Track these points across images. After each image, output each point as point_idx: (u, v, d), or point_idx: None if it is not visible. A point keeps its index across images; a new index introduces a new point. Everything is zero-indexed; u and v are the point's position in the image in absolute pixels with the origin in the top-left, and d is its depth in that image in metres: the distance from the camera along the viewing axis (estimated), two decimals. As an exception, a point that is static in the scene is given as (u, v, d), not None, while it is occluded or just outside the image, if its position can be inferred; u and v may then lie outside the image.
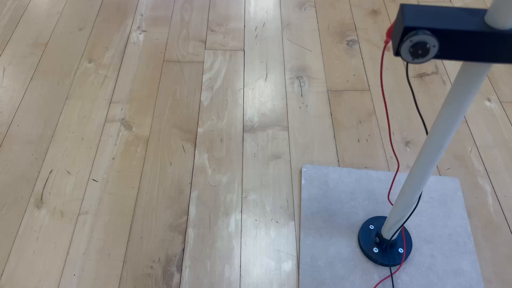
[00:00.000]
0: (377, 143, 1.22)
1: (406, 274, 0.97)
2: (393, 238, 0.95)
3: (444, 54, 0.55)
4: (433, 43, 0.53)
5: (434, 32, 0.53)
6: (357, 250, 1.00)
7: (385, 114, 1.30)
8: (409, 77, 1.40)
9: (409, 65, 1.43)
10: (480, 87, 0.61)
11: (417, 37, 0.53)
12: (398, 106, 1.32)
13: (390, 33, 0.59)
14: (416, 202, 0.84)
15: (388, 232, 0.93)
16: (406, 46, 0.54)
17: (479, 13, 0.54)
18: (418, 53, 0.54)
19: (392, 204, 1.07)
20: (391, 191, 1.10)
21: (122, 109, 1.28)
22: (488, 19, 0.53)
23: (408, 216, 0.86)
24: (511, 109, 1.32)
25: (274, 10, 1.61)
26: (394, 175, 1.14)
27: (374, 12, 1.62)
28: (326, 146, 1.22)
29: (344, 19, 1.58)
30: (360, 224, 1.04)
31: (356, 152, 1.21)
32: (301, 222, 1.05)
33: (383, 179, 1.13)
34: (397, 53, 0.55)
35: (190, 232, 1.04)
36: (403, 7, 0.55)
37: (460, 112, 0.64)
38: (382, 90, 0.66)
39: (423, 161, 0.74)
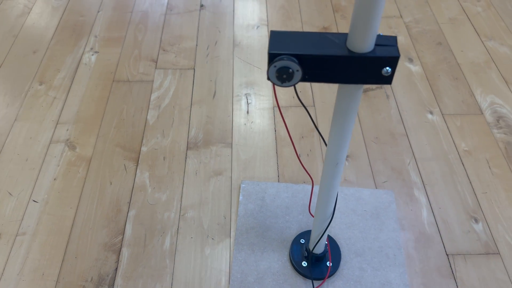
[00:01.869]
0: (317, 158, 1.24)
1: (334, 287, 0.98)
2: (320, 251, 0.97)
3: (311, 77, 0.58)
4: (296, 68, 0.56)
5: (297, 57, 0.56)
6: (288, 264, 1.02)
7: (327, 129, 1.32)
8: (354, 92, 1.43)
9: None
10: (358, 105, 0.63)
11: (280, 63, 0.55)
12: (340, 121, 1.34)
13: (268, 58, 0.62)
14: (331, 216, 0.86)
15: (313, 245, 0.95)
16: (272, 71, 0.56)
17: (342, 38, 0.57)
18: (284, 77, 0.56)
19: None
20: (311, 204, 1.12)
21: (68, 129, 1.30)
22: (348, 43, 0.56)
23: (324, 229, 0.88)
24: (452, 122, 1.35)
25: (227, 29, 1.65)
26: (311, 189, 1.16)
27: (325, 29, 1.66)
28: (267, 162, 1.24)
29: (294, 36, 1.61)
30: (293, 238, 1.06)
31: (296, 167, 1.23)
32: (235, 238, 1.07)
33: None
34: (268, 78, 0.58)
35: (124, 251, 1.05)
36: (271, 34, 0.58)
37: (345, 130, 0.67)
38: (280, 110, 0.69)
39: (325, 176, 0.76)
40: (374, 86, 1.45)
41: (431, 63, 1.53)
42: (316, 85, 1.45)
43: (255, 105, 1.39)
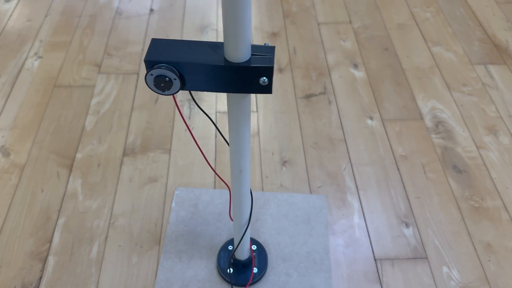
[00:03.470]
0: (255, 163, 1.25)
1: (259, 294, 0.98)
2: (244, 257, 0.97)
3: (191, 86, 0.58)
4: (173, 76, 0.56)
5: (173, 65, 0.55)
6: (214, 271, 1.01)
7: (267, 135, 1.32)
8: (298, 98, 1.43)
9: (300, 85, 1.47)
10: (249, 113, 0.63)
11: (156, 71, 0.55)
12: (281, 127, 1.35)
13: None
14: (248, 221, 0.86)
15: (238, 251, 0.95)
16: (149, 79, 0.56)
17: (222, 47, 0.57)
18: (162, 85, 0.56)
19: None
20: (231, 209, 1.12)
21: (3, 136, 1.28)
22: (225, 53, 0.56)
23: (242, 235, 0.87)
24: (391, 127, 1.36)
25: (175, 34, 1.64)
26: (229, 195, 1.16)
27: (274, 35, 1.66)
28: (205, 168, 1.24)
29: (241, 41, 1.62)
30: (222, 245, 1.06)
31: (233, 173, 1.23)
32: (163, 246, 1.06)
33: (254, 198, 1.14)
34: (149, 87, 0.58)
35: (50, 259, 1.04)
36: (151, 41, 0.58)
37: (241, 138, 0.67)
38: (182, 116, 0.68)
39: (233, 184, 0.76)
40: (318, 91, 1.46)
41: (376, 68, 1.54)
42: (259, 91, 1.45)
43: (197, 111, 1.39)
